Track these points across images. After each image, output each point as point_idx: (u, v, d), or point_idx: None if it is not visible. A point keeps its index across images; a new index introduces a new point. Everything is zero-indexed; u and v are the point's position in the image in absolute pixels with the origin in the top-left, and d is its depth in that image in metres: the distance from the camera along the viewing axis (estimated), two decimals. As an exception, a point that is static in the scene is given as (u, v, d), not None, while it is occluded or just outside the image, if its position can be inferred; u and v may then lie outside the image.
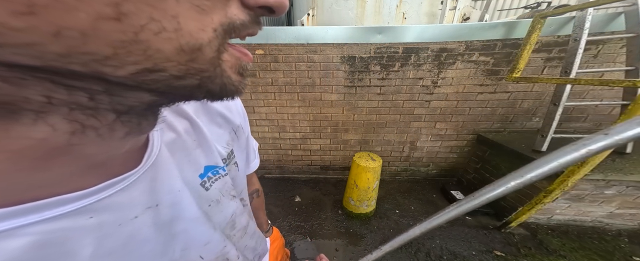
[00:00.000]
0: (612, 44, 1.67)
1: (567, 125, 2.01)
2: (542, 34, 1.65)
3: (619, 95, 1.73)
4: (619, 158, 1.55)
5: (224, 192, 0.34)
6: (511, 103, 2.01)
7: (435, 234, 1.74)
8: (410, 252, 1.59)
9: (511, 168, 1.83)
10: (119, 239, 0.20)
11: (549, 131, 1.59)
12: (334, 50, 1.86)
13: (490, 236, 1.71)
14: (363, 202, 1.85)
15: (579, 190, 1.59)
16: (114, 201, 0.19)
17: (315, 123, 2.25)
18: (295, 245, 1.66)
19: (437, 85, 1.97)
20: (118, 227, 0.20)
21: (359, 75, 1.96)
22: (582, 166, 1.28)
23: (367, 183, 1.76)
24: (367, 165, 1.71)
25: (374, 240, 1.71)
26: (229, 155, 0.36)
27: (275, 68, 1.94)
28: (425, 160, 2.43)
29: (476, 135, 2.20)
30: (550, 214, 1.75)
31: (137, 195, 0.21)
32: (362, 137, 2.31)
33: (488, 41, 1.76)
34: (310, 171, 2.59)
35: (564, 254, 1.54)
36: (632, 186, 1.50)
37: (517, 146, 1.80)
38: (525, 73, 1.84)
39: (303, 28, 1.83)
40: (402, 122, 2.18)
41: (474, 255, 1.55)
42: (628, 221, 1.70)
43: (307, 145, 2.39)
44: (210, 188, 0.31)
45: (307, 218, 1.93)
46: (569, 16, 1.59)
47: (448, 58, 1.84)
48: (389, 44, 1.81)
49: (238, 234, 0.39)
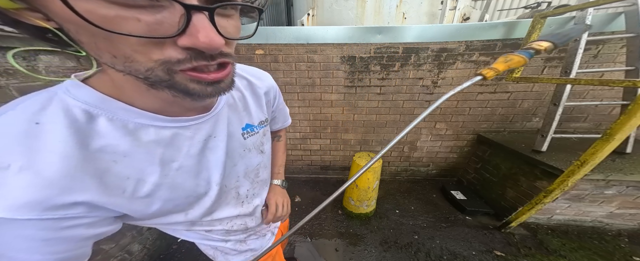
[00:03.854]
0: (612, 44, 1.67)
1: (567, 125, 2.01)
2: (542, 34, 1.65)
3: (619, 95, 1.73)
4: (619, 158, 1.55)
5: (256, 145, 0.52)
6: (511, 103, 2.01)
7: (436, 234, 1.74)
8: (410, 252, 1.59)
9: (511, 168, 1.83)
10: (197, 149, 0.39)
11: (549, 131, 1.59)
12: (334, 50, 1.86)
13: (490, 236, 1.71)
14: (363, 202, 1.85)
15: (579, 190, 1.59)
16: (199, 127, 0.38)
17: (315, 123, 2.25)
18: (295, 245, 1.66)
19: (437, 85, 1.97)
20: (197, 142, 0.38)
21: (359, 75, 1.96)
22: (582, 166, 1.28)
23: (367, 183, 1.76)
24: (367, 165, 1.71)
25: (373, 240, 1.70)
26: (264, 120, 0.54)
27: (275, 68, 1.94)
28: (425, 160, 2.43)
29: (476, 135, 2.20)
30: (550, 214, 1.75)
31: (207, 127, 0.40)
32: (362, 137, 2.31)
33: (488, 41, 1.76)
34: (310, 171, 2.59)
35: (564, 254, 1.54)
36: (632, 186, 1.50)
37: (517, 146, 1.80)
38: (525, 73, 1.84)
39: (303, 28, 1.83)
40: (402, 122, 2.18)
41: (474, 255, 1.55)
42: (628, 221, 1.70)
43: (307, 145, 2.39)
44: (247, 139, 0.49)
45: (306, 216, 1.93)
46: (569, 16, 1.59)
47: (448, 58, 1.84)
48: (389, 44, 1.81)
49: (259, 184, 0.58)
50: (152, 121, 0.32)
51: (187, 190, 0.39)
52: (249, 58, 1.90)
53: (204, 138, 0.39)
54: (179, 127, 0.35)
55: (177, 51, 0.23)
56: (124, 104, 0.29)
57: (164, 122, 0.33)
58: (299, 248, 1.63)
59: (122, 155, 0.30)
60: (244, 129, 0.49)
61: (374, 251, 1.61)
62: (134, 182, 0.32)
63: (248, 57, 1.90)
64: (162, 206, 0.36)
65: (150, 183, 0.33)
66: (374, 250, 1.61)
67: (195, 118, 0.37)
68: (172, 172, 0.36)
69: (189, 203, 0.41)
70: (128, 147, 0.30)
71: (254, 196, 0.58)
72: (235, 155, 0.47)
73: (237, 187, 0.51)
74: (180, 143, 0.36)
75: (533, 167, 1.65)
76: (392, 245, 1.65)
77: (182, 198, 0.39)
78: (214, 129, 0.41)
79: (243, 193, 0.53)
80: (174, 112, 0.34)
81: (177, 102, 0.32)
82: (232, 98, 0.47)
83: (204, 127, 0.39)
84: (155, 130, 0.33)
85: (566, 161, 1.51)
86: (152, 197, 0.34)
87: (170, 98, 0.29)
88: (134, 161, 0.31)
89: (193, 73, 0.25)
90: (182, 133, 0.36)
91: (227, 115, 0.44)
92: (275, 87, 0.60)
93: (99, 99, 0.28)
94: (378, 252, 1.60)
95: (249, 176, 0.53)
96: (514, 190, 1.81)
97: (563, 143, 1.73)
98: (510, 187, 1.84)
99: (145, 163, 0.33)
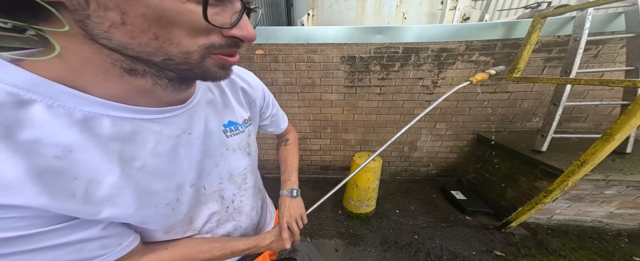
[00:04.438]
0: (612, 44, 1.67)
1: (567, 125, 2.01)
2: (542, 34, 1.65)
3: (619, 95, 1.73)
4: (619, 158, 1.55)
5: (241, 146, 0.49)
6: (511, 103, 2.01)
7: (436, 234, 1.74)
8: (410, 252, 1.59)
9: (511, 168, 1.83)
10: (167, 146, 0.35)
11: (549, 131, 1.59)
12: (334, 50, 1.86)
13: (490, 236, 1.71)
14: (363, 202, 1.85)
15: (579, 190, 1.59)
16: (170, 121, 0.35)
17: (315, 123, 2.25)
18: (295, 245, 1.66)
19: (437, 85, 1.97)
20: (167, 138, 0.34)
21: (359, 75, 1.96)
22: (582, 166, 1.28)
23: (367, 183, 1.76)
24: (367, 165, 1.71)
25: (373, 240, 1.70)
26: (247, 119, 0.51)
27: (275, 68, 1.94)
28: (425, 160, 2.43)
29: (476, 135, 2.20)
30: (550, 214, 1.75)
31: (180, 122, 0.36)
32: (362, 137, 2.31)
33: (488, 41, 1.76)
34: (310, 171, 2.59)
35: (564, 254, 1.54)
36: (632, 186, 1.50)
37: (517, 146, 1.80)
38: (525, 73, 1.84)
39: (303, 28, 1.83)
40: (402, 122, 2.18)
41: (474, 255, 1.55)
42: (628, 221, 1.70)
43: (307, 145, 2.39)
44: (230, 137, 0.46)
45: (307, 218, 1.93)
46: (569, 16, 1.59)
47: (448, 58, 1.84)
48: (389, 44, 1.81)
49: (247, 191, 0.53)
50: (107, 110, 0.28)
51: (156, 195, 0.34)
52: (249, 58, 1.90)
53: (176, 135, 0.35)
54: (143, 119, 0.31)
55: (220, 38, 0.27)
56: (70, 89, 0.25)
57: (125, 112, 0.29)
58: (299, 248, 1.63)
59: (67, 149, 0.25)
60: (227, 126, 0.45)
61: (374, 251, 1.61)
62: (84, 183, 0.26)
63: (248, 57, 1.90)
64: (132, 215, 0.32)
65: (107, 185, 0.28)
66: (374, 250, 1.61)
67: (165, 111, 0.33)
68: (134, 172, 0.31)
69: (163, 216, 0.35)
70: (74, 139, 0.25)
71: (244, 204, 0.52)
72: (215, 154, 0.43)
73: (221, 190, 0.46)
74: (144, 139, 0.32)
75: (533, 167, 1.65)
76: (392, 245, 1.65)
77: (151, 206, 0.33)
78: (188, 125, 0.37)
79: (228, 197, 0.48)
80: (142, 102, 0.31)
81: (153, 92, 0.30)
82: (211, 93, 0.44)
83: (176, 122, 0.35)
84: (112, 121, 0.28)
85: (566, 161, 1.51)
86: (114, 203, 0.29)
87: (146, 86, 0.28)
88: (84, 157, 0.26)
89: (222, 57, 0.29)
90: (147, 126, 0.32)
91: (205, 111, 0.41)
92: (261, 85, 0.57)
93: (34, 82, 0.23)
94: (378, 252, 1.60)
95: (235, 180, 0.49)
96: (514, 190, 1.81)
97: (563, 143, 1.73)
98: (510, 187, 1.84)
99: (99, 161, 0.27)
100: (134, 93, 0.29)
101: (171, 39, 0.24)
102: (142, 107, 0.31)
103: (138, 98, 0.30)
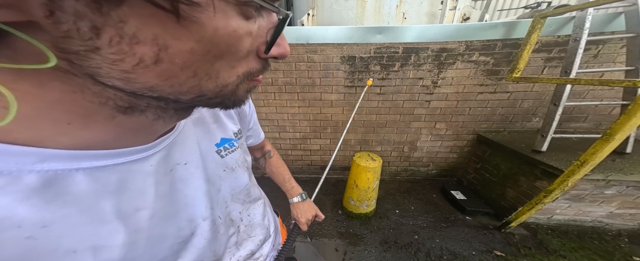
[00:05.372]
0: (612, 44, 1.66)
1: (567, 125, 2.01)
2: (542, 34, 1.65)
3: (619, 95, 1.73)
4: (619, 158, 1.55)
5: (239, 163, 0.44)
6: (511, 103, 2.01)
7: (435, 234, 1.74)
8: (410, 252, 1.59)
9: (511, 168, 1.83)
10: (167, 185, 0.29)
11: (549, 131, 1.59)
12: (334, 50, 1.86)
13: (490, 236, 1.71)
14: (363, 202, 1.85)
15: (579, 190, 1.59)
16: (160, 155, 0.28)
17: (315, 123, 2.25)
18: (295, 245, 1.66)
19: (437, 85, 1.97)
20: (162, 175, 0.29)
21: (359, 75, 1.96)
22: (582, 166, 1.28)
23: (367, 183, 1.76)
24: (367, 165, 1.71)
25: (373, 240, 1.70)
26: (237, 132, 0.46)
27: (275, 68, 1.94)
28: (425, 160, 2.43)
29: (476, 135, 2.20)
30: (550, 214, 1.75)
31: (173, 152, 0.31)
32: (362, 137, 2.31)
33: (488, 41, 1.76)
34: (310, 171, 2.59)
35: (564, 254, 1.54)
36: (632, 186, 1.50)
37: (517, 146, 1.80)
38: (525, 73, 1.84)
39: (303, 28, 1.83)
40: (402, 122, 2.18)
41: (474, 255, 1.55)
42: (628, 221, 1.70)
43: (307, 145, 2.39)
44: (226, 157, 0.41)
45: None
46: (569, 16, 1.59)
47: (448, 58, 1.84)
48: (389, 44, 1.81)
49: (251, 203, 0.49)
50: (76, 162, 0.20)
51: (169, 238, 0.30)
52: (249, 58, 1.90)
53: (170, 169, 0.30)
54: (129, 161, 0.24)
55: (257, 61, 0.22)
56: (12, 146, 0.16)
57: (103, 160, 0.22)
58: (299, 248, 1.63)
59: (37, 225, 0.18)
60: (219, 145, 0.40)
61: (374, 251, 1.61)
62: (89, 253, 0.21)
63: (248, 57, 1.90)
64: None
65: (118, 245, 0.23)
66: (374, 250, 1.61)
67: (154, 145, 0.27)
68: (145, 223, 0.26)
69: (174, 252, 0.31)
70: (39, 211, 0.18)
71: (253, 217, 0.50)
72: (215, 178, 0.38)
73: (229, 213, 0.42)
74: (139, 184, 0.26)
75: (533, 167, 1.65)
76: (392, 245, 1.65)
77: (165, 249, 0.29)
78: (181, 154, 0.32)
79: (236, 217, 0.44)
80: (132, 142, 0.24)
81: (150, 127, 0.24)
82: (197, 112, 0.37)
83: (168, 153, 0.30)
84: (87, 175, 0.21)
85: (566, 161, 1.51)
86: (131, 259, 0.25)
87: (143, 123, 0.22)
88: (69, 227, 0.20)
89: (255, 80, 0.24)
90: (137, 169, 0.25)
91: (195, 133, 0.35)
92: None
93: None
94: (378, 252, 1.60)
95: (238, 198, 0.45)
96: (514, 190, 1.81)
97: (563, 143, 1.73)
98: (510, 186, 1.84)
99: (92, 226, 0.22)
100: (122, 134, 0.22)
101: (210, 73, 0.19)
102: (124, 148, 0.23)
103: (126, 139, 0.23)
